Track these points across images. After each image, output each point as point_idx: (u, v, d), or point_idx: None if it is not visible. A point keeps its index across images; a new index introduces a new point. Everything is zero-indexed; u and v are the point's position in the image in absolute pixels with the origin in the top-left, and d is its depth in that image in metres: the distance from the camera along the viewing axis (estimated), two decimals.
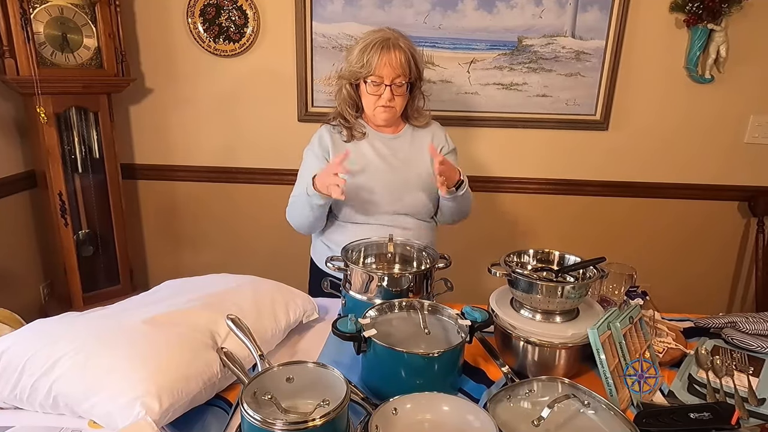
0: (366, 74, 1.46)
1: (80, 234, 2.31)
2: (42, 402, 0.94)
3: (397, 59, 1.44)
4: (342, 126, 1.58)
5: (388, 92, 1.46)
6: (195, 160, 2.49)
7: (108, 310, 1.19)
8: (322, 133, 1.60)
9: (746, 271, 2.54)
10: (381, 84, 1.46)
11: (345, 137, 1.57)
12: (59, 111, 2.10)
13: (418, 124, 1.63)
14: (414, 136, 1.62)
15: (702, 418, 0.92)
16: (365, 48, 1.45)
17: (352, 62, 1.49)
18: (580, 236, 2.50)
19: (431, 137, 1.63)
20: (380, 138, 1.59)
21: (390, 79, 1.45)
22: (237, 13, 2.25)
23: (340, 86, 1.57)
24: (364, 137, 1.57)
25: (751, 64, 2.22)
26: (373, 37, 1.46)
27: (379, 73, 1.45)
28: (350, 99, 1.56)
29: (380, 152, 1.57)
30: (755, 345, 1.20)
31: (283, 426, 0.77)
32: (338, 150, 1.54)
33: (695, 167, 2.39)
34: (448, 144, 1.65)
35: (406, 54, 1.46)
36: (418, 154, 1.59)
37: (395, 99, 1.48)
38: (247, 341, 1.04)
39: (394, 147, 1.59)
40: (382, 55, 1.43)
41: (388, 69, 1.44)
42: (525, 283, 1.11)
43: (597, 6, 2.17)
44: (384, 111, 1.51)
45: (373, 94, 1.49)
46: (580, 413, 0.95)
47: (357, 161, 1.54)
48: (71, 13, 2.06)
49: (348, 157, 1.39)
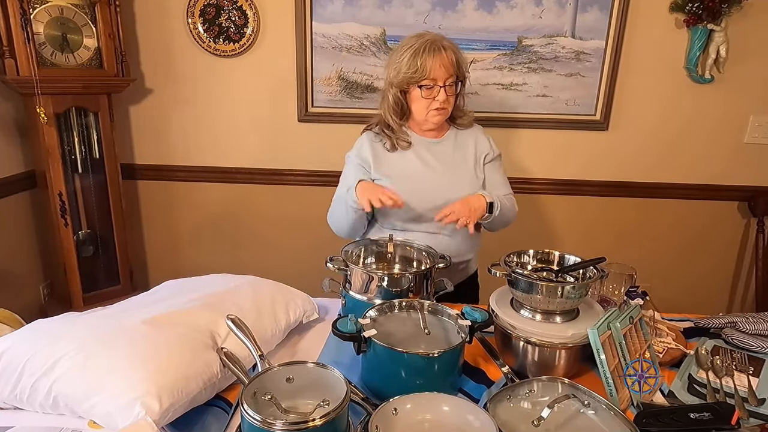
0: (420, 78, 1.44)
1: (80, 234, 2.31)
2: (42, 402, 0.94)
3: (448, 59, 1.43)
4: (384, 135, 1.56)
5: (443, 93, 1.45)
6: (195, 161, 2.49)
7: (108, 310, 1.19)
8: (363, 143, 1.58)
9: (746, 271, 2.54)
10: (435, 86, 1.45)
11: (388, 147, 1.55)
12: (59, 111, 2.10)
13: (462, 124, 1.60)
14: (457, 140, 1.59)
15: (702, 418, 0.92)
16: (416, 53, 1.44)
17: (402, 69, 1.45)
18: (580, 236, 2.50)
19: (474, 142, 1.59)
20: (424, 144, 1.56)
21: (443, 80, 1.44)
22: (237, 13, 2.25)
23: (386, 94, 1.54)
24: (409, 147, 1.55)
25: (751, 64, 2.21)
26: (421, 41, 1.44)
27: (433, 75, 1.43)
28: (397, 106, 1.53)
29: (423, 158, 1.55)
30: (755, 345, 1.20)
31: (283, 426, 0.77)
32: (379, 161, 1.53)
33: (695, 167, 2.39)
34: (492, 150, 1.60)
35: (454, 53, 1.45)
36: (461, 158, 1.57)
37: (448, 99, 1.47)
38: (247, 341, 1.04)
39: (437, 152, 1.56)
40: (435, 58, 1.42)
41: (442, 70, 1.43)
42: (525, 283, 1.11)
43: (597, 6, 2.17)
44: (438, 114, 1.49)
45: (427, 97, 1.46)
46: (580, 413, 0.95)
47: (400, 169, 1.53)
48: (71, 13, 2.06)
49: (398, 204, 1.37)
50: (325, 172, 2.43)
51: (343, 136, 2.40)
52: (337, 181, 1.60)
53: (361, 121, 2.36)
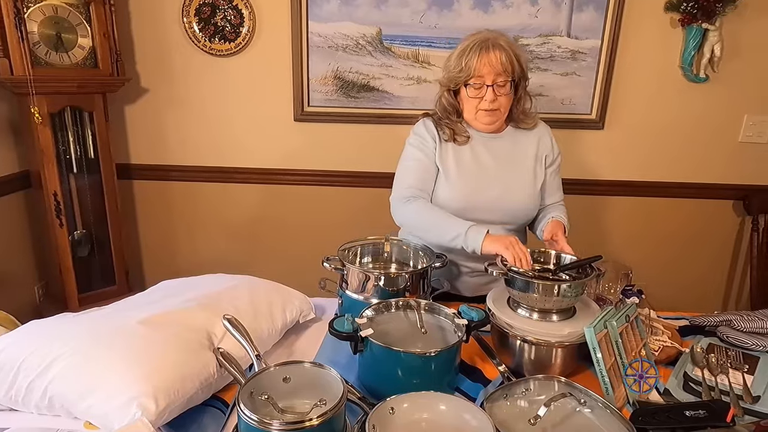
0: (466, 77, 1.41)
1: (75, 234, 2.30)
2: (37, 403, 0.94)
3: (497, 58, 1.38)
4: (444, 125, 1.50)
5: (491, 92, 1.39)
6: (191, 160, 2.48)
7: (104, 310, 1.18)
8: (428, 126, 1.51)
9: (741, 270, 2.55)
10: (482, 86, 1.41)
11: (446, 136, 1.49)
12: (54, 111, 2.09)
13: (524, 127, 1.53)
14: (516, 136, 1.53)
15: (697, 415, 0.93)
16: (463, 51, 1.41)
17: (451, 68, 1.44)
18: (575, 235, 2.50)
19: (537, 141, 1.53)
20: (481, 138, 1.50)
21: (491, 78, 1.39)
22: (232, 12, 2.24)
23: (440, 94, 1.52)
24: (467, 141, 1.49)
25: (746, 63, 2.22)
26: (472, 40, 1.42)
27: (479, 73, 1.39)
28: (450, 106, 1.50)
29: (480, 154, 1.49)
30: (750, 343, 1.21)
31: (279, 426, 0.77)
32: (441, 151, 1.48)
33: (690, 166, 2.39)
34: (554, 151, 1.56)
35: (507, 52, 1.39)
36: (521, 156, 1.51)
37: (498, 99, 1.41)
38: (244, 341, 1.04)
39: (494, 147, 1.50)
40: (482, 56, 1.38)
41: (488, 68, 1.38)
42: (522, 282, 1.11)
43: (592, 5, 2.18)
44: (487, 114, 1.44)
45: (474, 97, 1.42)
46: (577, 412, 0.95)
47: (457, 162, 1.48)
48: (65, 12, 2.05)
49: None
50: (322, 172, 2.43)
51: (339, 136, 2.40)
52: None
53: (358, 121, 2.38)
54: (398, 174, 1.52)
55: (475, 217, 1.42)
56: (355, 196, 2.46)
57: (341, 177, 2.43)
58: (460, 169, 1.48)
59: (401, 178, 1.50)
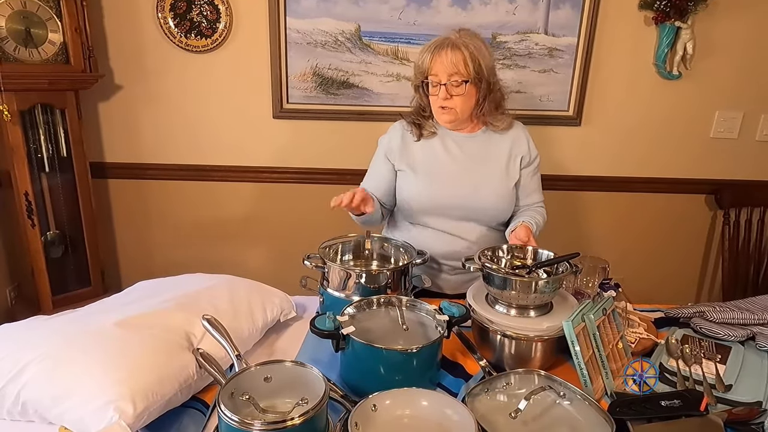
0: (423, 75, 1.46)
1: (48, 235, 2.24)
2: (10, 409, 0.92)
3: (453, 57, 1.40)
4: (413, 124, 1.56)
5: (443, 91, 1.42)
6: (167, 158, 2.43)
7: (78, 312, 1.16)
8: (395, 130, 1.60)
9: (713, 262, 2.62)
10: (438, 84, 1.44)
11: (415, 136, 1.55)
12: (24, 108, 2.03)
13: (497, 127, 1.54)
14: (491, 137, 1.55)
15: (673, 405, 0.95)
16: (423, 49, 1.45)
17: (414, 65, 1.50)
18: (553, 230, 2.53)
19: (511, 141, 1.55)
20: (452, 137, 1.54)
21: (445, 77, 1.42)
22: (209, 8, 2.20)
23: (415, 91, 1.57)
24: (434, 135, 1.54)
25: (717, 60, 2.28)
26: (435, 39, 1.45)
27: (433, 72, 1.43)
28: (421, 103, 1.55)
29: (450, 151, 1.53)
30: (722, 333, 1.24)
31: (261, 426, 0.76)
32: (407, 151, 1.54)
33: (663, 161, 2.45)
34: (530, 152, 1.57)
35: (463, 53, 1.40)
36: (492, 156, 1.53)
37: (453, 99, 1.43)
38: (224, 341, 1.03)
39: (465, 145, 1.53)
40: (435, 55, 1.42)
41: (441, 67, 1.41)
42: (499, 279, 1.12)
43: (569, 3, 2.20)
44: (443, 112, 1.47)
45: (432, 95, 1.47)
46: (556, 404, 0.97)
47: (424, 158, 1.53)
48: (35, 6, 1.99)
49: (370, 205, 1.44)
50: (301, 169, 2.41)
51: (318, 133, 2.39)
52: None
53: (337, 118, 2.37)
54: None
55: (445, 215, 1.49)
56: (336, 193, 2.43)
57: (321, 174, 2.42)
58: (429, 167, 1.52)
59: (364, 178, 1.62)
